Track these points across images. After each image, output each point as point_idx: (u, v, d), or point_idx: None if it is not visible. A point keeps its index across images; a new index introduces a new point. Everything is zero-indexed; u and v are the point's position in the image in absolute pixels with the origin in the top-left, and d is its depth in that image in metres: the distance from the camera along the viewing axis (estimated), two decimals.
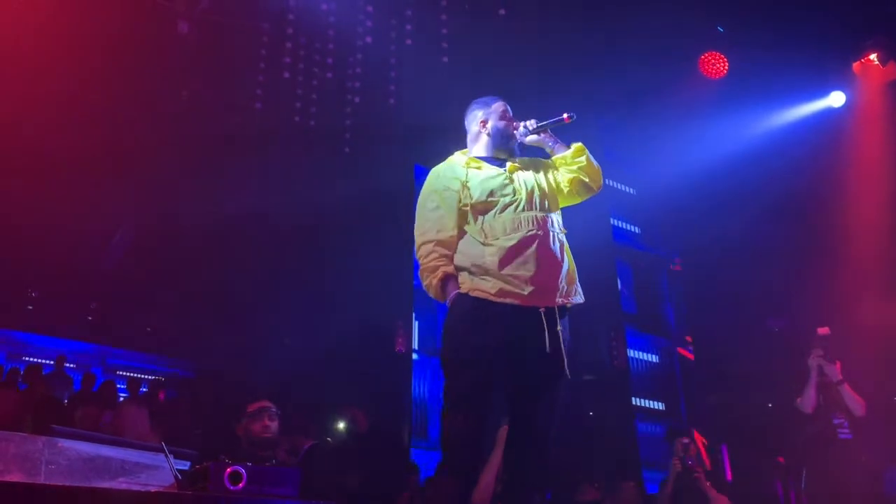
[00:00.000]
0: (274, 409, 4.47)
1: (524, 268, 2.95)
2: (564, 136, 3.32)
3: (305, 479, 2.87)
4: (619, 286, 10.80)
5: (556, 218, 3.19)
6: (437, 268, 3.07)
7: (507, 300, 2.93)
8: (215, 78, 8.01)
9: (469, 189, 3.14)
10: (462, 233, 3.13)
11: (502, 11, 6.75)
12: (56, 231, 9.22)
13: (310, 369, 8.75)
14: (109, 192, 8.93)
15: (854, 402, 5.20)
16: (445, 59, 7.11)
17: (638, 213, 11.49)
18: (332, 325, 8.90)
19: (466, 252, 3.07)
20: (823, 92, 8.70)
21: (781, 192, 8.44)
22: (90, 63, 7.41)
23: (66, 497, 2.19)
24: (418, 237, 3.18)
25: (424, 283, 3.15)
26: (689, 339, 10.99)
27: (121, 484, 2.58)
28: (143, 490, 2.57)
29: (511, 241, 2.99)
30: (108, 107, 7.95)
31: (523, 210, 3.08)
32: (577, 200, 3.30)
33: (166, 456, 2.71)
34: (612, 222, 11.05)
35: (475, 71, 7.34)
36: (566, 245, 3.16)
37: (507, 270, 2.95)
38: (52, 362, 11.49)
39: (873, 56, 8.31)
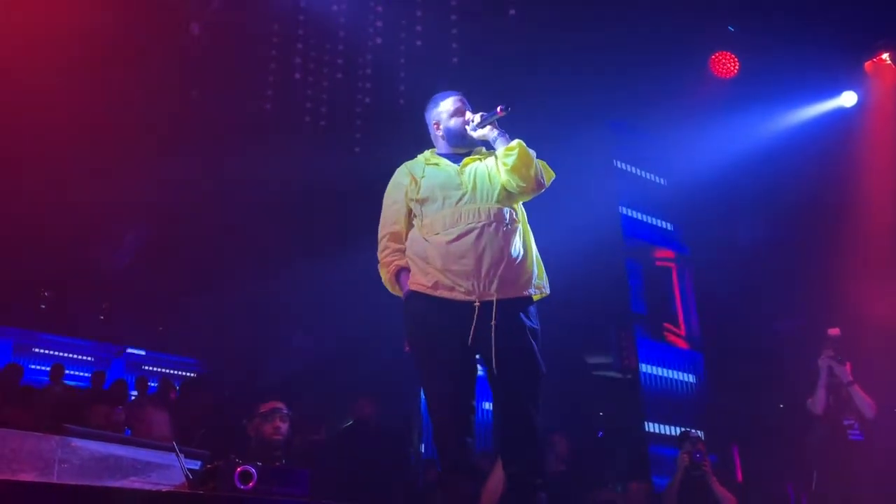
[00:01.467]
0: (286, 411, 4.49)
1: (461, 262, 2.95)
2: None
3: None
4: (629, 285, 10.74)
5: (509, 209, 3.13)
6: (391, 262, 3.16)
7: (443, 294, 2.95)
8: (226, 78, 8.04)
9: (419, 185, 3.18)
10: (412, 227, 3.19)
11: (512, 12, 6.76)
12: (68, 231, 9.29)
13: (318, 368, 8.79)
14: (121, 191, 8.98)
15: (864, 403, 5.19)
16: (455, 60, 7.12)
17: (649, 209, 11.38)
18: (340, 325, 8.93)
19: (413, 247, 3.14)
20: (835, 91, 8.64)
21: (792, 192, 8.39)
22: (101, 62, 7.46)
23: (79, 496, 2.22)
24: (379, 231, 3.27)
25: (383, 279, 3.23)
26: (699, 338, 10.94)
27: (133, 483, 2.61)
28: (154, 489, 2.59)
29: (449, 236, 3.00)
30: (119, 106, 7.99)
31: (467, 203, 3.07)
32: (519, 199, 3.20)
33: (177, 455, 2.74)
34: (621, 210, 10.92)
35: (485, 72, 7.34)
36: (523, 235, 3.13)
37: (444, 265, 2.97)
38: (65, 355, 11.67)
39: (885, 55, 8.25)
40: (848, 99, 8.60)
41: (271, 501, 2.64)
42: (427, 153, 3.38)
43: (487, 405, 8.54)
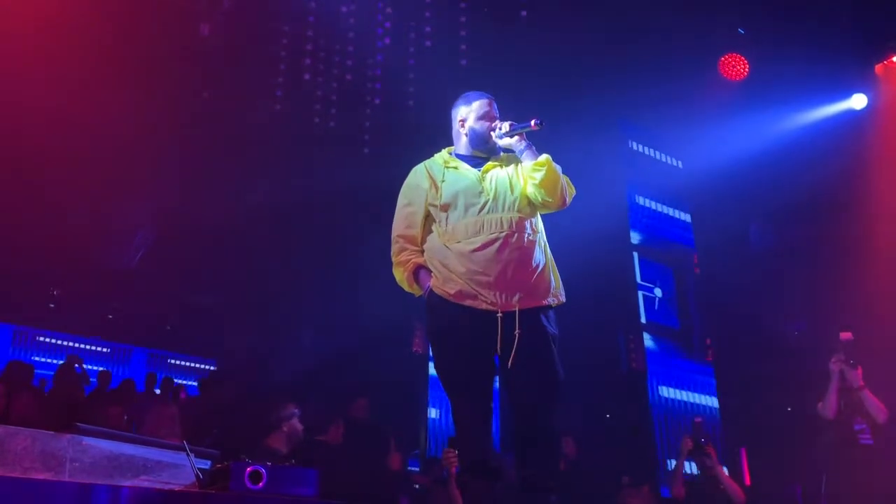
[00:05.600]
0: None
1: (483, 272, 2.93)
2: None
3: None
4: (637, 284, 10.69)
5: (530, 219, 3.10)
6: (407, 260, 3.13)
7: (466, 302, 2.94)
8: (236, 79, 8.06)
9: (440, 189, 3.12)
10: (430, 232, 3.15)
11: (524, 13, 6.77)
12: (78, 230, 9.31)
13: (327, 369, 8.79)
14: (131, 191, 9.01)
15: (876, 407, 5.15)
16: (464, 62, 7.13)
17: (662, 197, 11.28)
18: (349, 325, 8.94)
19: (434, 253, 3.09)
20: (845, 94, 8.60)
21: (802, 194, 8.36)
22: (113, 63, 7.47)
23: (91, 495, 2.22)
24: (392, 233, 3.24)
25: (398, 278, 3.19)
26: (707, 340, 10.88)
27: (143, 482, 2.61)
28: (165, 489, 2.60)
29: (472, 245, 2.97)
30: (129, 107, 8.01)
31: (489, 212, 3.02)
32: (541, 211, 3.17)
33: (188, 455, 2.74)
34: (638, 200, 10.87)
35: (494, 73, 7.33)
36: (541, 245, 3.10)
37: (467, 273, 2.94)
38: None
39: None
40: (858, 101, 8.56)
41: (281, 501, 2.64)
42: (444, 154, 3.30)
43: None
